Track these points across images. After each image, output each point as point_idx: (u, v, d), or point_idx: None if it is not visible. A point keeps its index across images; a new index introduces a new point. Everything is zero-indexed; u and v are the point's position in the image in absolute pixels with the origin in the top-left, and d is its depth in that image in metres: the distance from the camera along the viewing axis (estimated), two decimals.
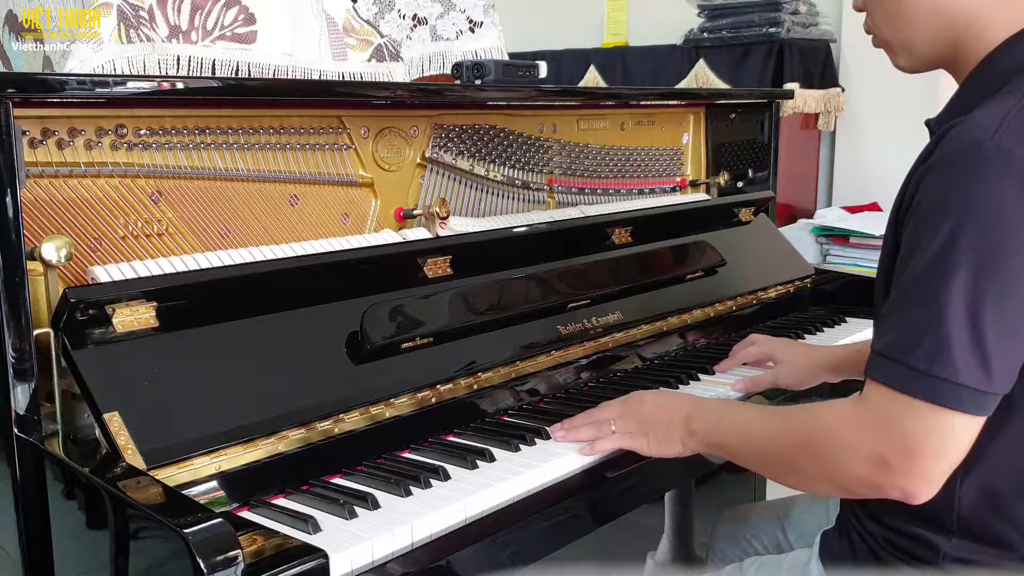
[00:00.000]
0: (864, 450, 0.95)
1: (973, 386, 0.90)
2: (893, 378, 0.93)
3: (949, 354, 0.90)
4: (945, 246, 0.90)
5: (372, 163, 1.44)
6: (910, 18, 1.05)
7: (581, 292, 1.52)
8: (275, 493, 1.05)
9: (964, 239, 0.89)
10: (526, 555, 1.10)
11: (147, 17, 1.26)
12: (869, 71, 3.28)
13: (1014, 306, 0.90)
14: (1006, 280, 0.89)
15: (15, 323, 0.97)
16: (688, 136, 2.04)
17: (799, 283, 1.95)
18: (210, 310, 1.12)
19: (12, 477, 0.98)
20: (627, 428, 1.19)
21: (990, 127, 0.91)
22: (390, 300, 1.28)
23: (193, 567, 0.78)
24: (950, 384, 0.90)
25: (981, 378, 0.90)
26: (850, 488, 1.00)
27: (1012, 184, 0.88)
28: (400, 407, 1.21)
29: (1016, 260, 0.89)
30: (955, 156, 0.92)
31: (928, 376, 0.91)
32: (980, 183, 0.90)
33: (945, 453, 0.93)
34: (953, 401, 0.90)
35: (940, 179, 0.93)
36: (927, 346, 0.91)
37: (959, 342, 0.89)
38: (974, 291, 0.89)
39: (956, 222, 0.90)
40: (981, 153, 0.90)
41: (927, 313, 0.91)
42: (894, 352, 0.94)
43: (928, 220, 0.93)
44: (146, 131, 1.17)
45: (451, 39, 1.79)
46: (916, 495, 0.95)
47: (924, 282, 0.92)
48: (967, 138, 0.92)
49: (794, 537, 1.37)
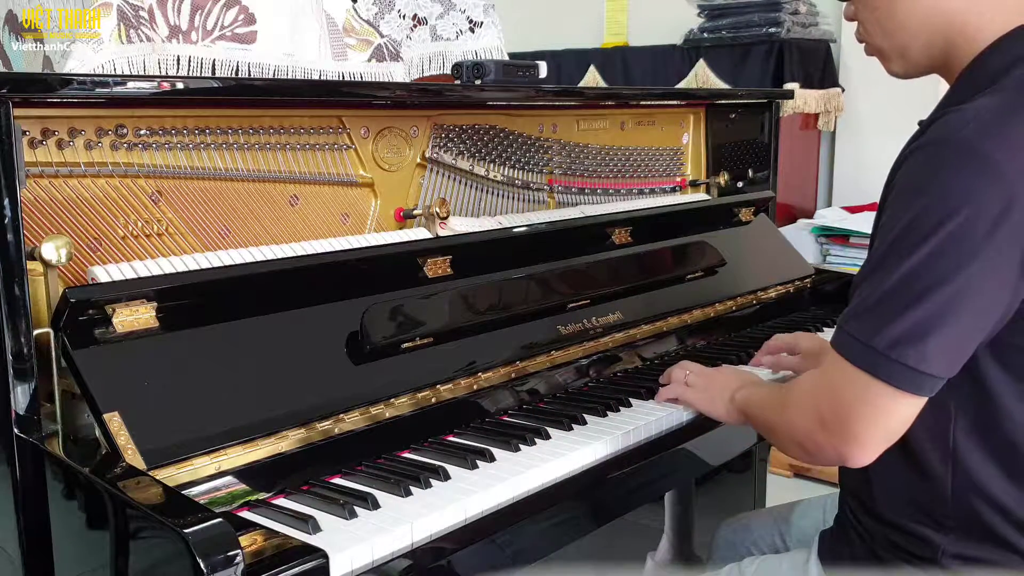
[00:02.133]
0: (809, 409, 1.03)
1: (909, 364, 0.92)
2: (841, 345, 0.98)
3: (889, 330, 0.93)
4: (907, 227, 0.94)
5: (372, 163, 1.44)
6: (903, 24, 1.06)
7: (581, 292, 1.52)
8: (275, 493, 1.05)
9: (924, 224, 0.92)
10: (526, 555, 1.10)
11: (147, 17, 1.26)
12: (869, 71, 3.27)
13: (963, 294, 0.91)
14: (957, 268, 0.91)
15: (15, 323, 0.97)
16: (688, 136, 2.04)
17: (799, 283, 1.95)
18: (210, 310, 1.12)
19: (12, 477, 0.98)
20: (694, 382, 1.33)
21: (964, 121, 0.94)
22: (390, 300, 1.28)
23: (193, 567, 0.78)
24: (885, 358, 0.93)
25: (918, 358, 0.92)
26: (804, 444, 1.05)
27: (972, 177, 0.91)
28: (400, 407, 1.21)
29: (970, 250, 0.91)
30: (930, 145, 0.96)
31: (867, 347, 0.94)
32: (945, 173, 0.92)
33: (876, 423, 0.97)
34: (886, 375, 0.94)
35: (915, 164, 0.97)
36: (871, 319, 0.95)
37: (902, 320, 0.92)
38: (925, 273, 0.92)
39: (921, 207, 0.93)
40: (950, 145, 0.93)
41: (879, 288, 0.95)
42: (847, 322, 0.98)
43: (899, 201, 0.97)
44: (146, 131, 1.17)
45: (451, 39, 1.79)
46: (849, 457, 1.00)
47: (883, 259, 0.96)
48: (942, 130, 0.95)
49: (792, 542, 1.38)
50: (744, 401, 1.23)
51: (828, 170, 3.64)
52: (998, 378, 0.98)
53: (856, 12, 1.12)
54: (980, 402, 0.99)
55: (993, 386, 0.98)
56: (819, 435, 1.01)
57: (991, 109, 0.95)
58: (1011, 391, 0.98)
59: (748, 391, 1.24)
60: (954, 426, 1.01)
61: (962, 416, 1.00)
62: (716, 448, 1.36)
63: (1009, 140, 0.91)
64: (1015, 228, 0.90)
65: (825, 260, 3.05)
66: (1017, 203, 0.90)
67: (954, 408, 1.01)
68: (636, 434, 1.26)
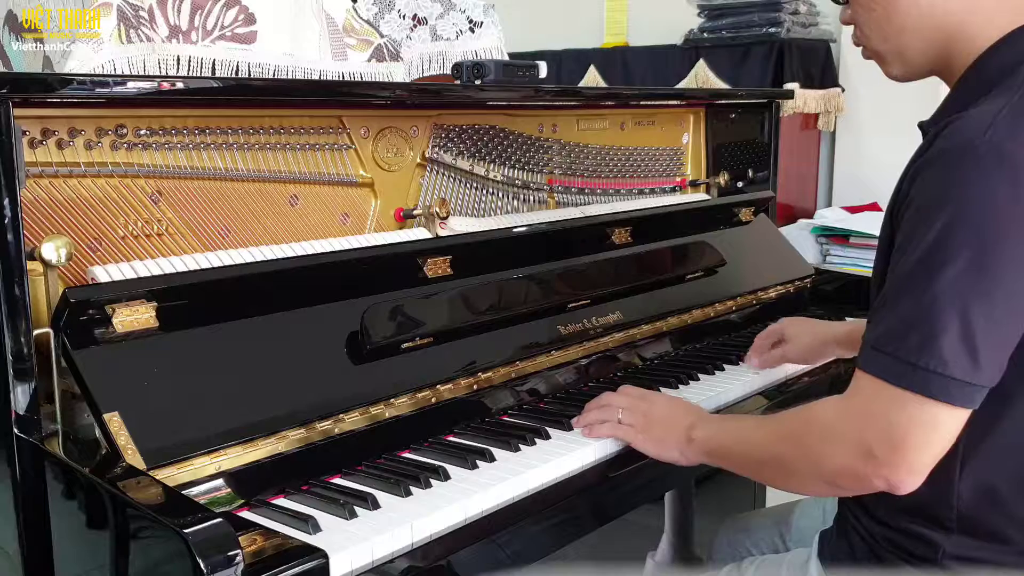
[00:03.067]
0: (851, 440, 0.97)
1: (961, 378, 0.91)
2: (882, 369, 0.95)
3: (938, 346, 0.91)
4: (937, 240, 0.92)
5: (372, 163, 1.44)
6: (901, 27, 1.06)
7: (581, 292, 1.52)
8: (275, 493, 1.05)
9: (956, 234, 0.91)
10: (526, 555, 1.10)
11: (147, 17, 1.26)
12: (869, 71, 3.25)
13: (1003, 300, 0.91)
14: (996, 275, 0.90)
15: (15, 323, 0.97)
16: (688, 136, 2.04)
17: (799, 283, 1.95)
18: (210, 310, 1.12)
19: (12, 477, 0.98)
20: (631, 420, 1.21)
21: (983, 125, 0.93)
22: (390, 300, 1.28)
23: (193, 567, 0.78)
24: (938, 376, 0.91)
25: (969, 370, 0.91)
26: (837, 481, 1.00)
27: (1002, 181, 0.90)
28: (400, 407, 1.21)
29: (1006, 256, 0.90)
30: (949, 153, 0.94)
31: (916, 367, 0.92)
32: (972, 180, 0.91)
33: (930, 444, 0.94)
34: (940, 393, 0.91)
35: (934, 175, 0.95)
36: (916, 338, 0.92)
37: (948, 335, 0.91)
38: (964, 285, 0.90)
39: (949, 217, 0.91)
40: (973, 150, 0.91)
41: (917, 306, 0.92)
42: (884, 344, 0.95)
43: (921, 215, 0.94)
44: (146, 131, 1.17)
45: (451, 39, 1.79)
46: (901, 486, 0.96)
47: (916, 275, 0.93)
48: (961, 136, 0.93)
49: (792, 543, 1.37)
50: (711, 442, 1.14)
51: (828, 170, 3.64)
52: (1008, 378, 0.96)
53: (853, 16, 1.12)
54: (989, 403, 0.96)
55: (1004, 386, 0.96)
56: (864, 468, 0.96)
57: (1008, 111, 0.93)
58: (1021, 392, 0.97)
59: (711, 428, 1.16)
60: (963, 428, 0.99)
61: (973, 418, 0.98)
62: None
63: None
64: None
65: (825, 260, 3.05)
66: None
67: None
68: None
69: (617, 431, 1.21)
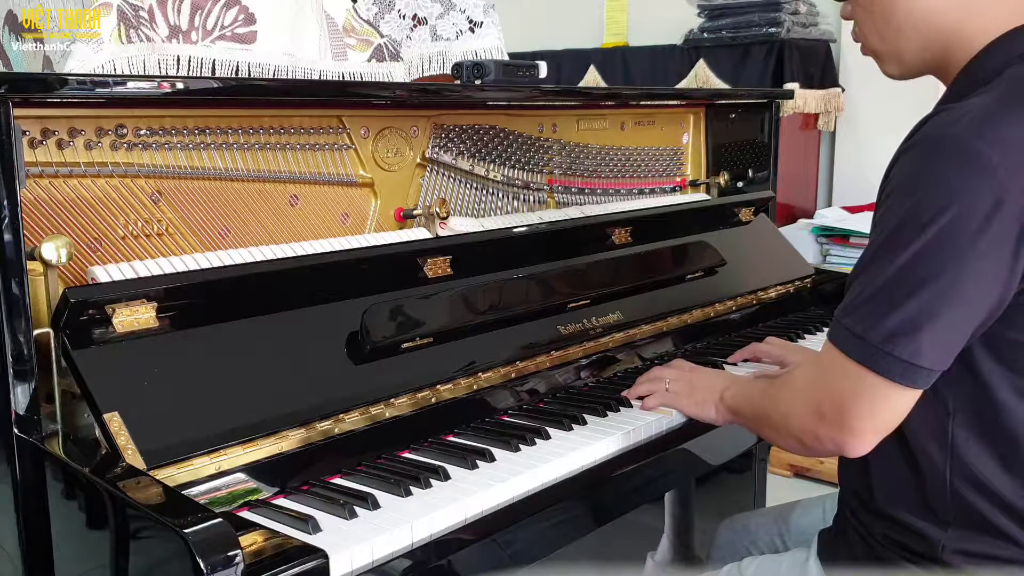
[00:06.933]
0: (808, 402, 1.04)
1: (904, 358, 0.94)
2: (840, 340, 0.99)
3: (884, 324, 0.95)
4: (901, 222, 0.95)
5: (372, 163, 1.44)
6: (899, 28, 1.07)
7: (581, 292, 1.52)
8: (275, 493, 1.05)
9: (918, 218, 0.94)
10: (526, 555, 1.10)
11: (147, 17, 1.27)
12: (869, 71, 3.26)
13: (949, 288, 0.93)
14: (943, 265, 0.92)
15: (15, 323, 0.97)
16: (688, 136, 2.04)
17: (799, 283, 1.95)
18: (210, 310, 1.12)
19: (12, 477, 0.98)
20: (677, 388, 1.32)
21: (955, 120, 0.95)
22: (390, 300, 1.28)
23: (193, 567, 0.78)
24: (880, 351, 0.95)
25: (913, 352, 0.94)
26: (801, 439, 1.07)
27: (960, 175, 0.92)
28: (400, 407, 1.21)
29: (958, 248, 0.92)
30: (922, 143, 0.97)
31: (862, 340, 0.96)
32: (936, 171, 0.94)
33: (873, 415, 0.99)
34: (883, 369, 0.96)
35: (907, 162, 0.98)
36: (866, 313, 0.97)
37: (896, 315, 0.94)
38: (918, 268, 0.93)
39: (914, 202, 0.94)
40: (941, 143, 0.94)
41: (873, 282, 0.97)
42: (843, 315, 1.00)
43: (892, 199, 0.98)
44: (146, 131, 1.17)
45: (451, 39, 1.79)
46: (846, 448, 1.02)
47: (877, 255, 0.97)
48: (935, 128, 0.97)
49: (792, 542, 1.38)
50: (734, 399, 1.24)
51: (828, 170, 3.64)
52: (993, 372, 0.99)
53: (853, 12, 1.13)
54: (976, 396, 1.00)
55: (989, 380, 0.99)
56: (818, 427, 1.03)
57: (982, 106, 0.95)
58: (1007, 384, 0.99)
59: (736, 389, 1.26)
60: (952, 420, 1.02)
61: (959, 410, 1.02)
62: (716, 448, 1.37)
63: (1000, 137, 0.92)
64: (1005, 224, 0.91)
65: (825, 260, 3.05)
66: (1007, 199, 0.90)
67: (951, 402, 1.02)
68: (636, 434, 1.26)
69: (666, 398, 1.32)
